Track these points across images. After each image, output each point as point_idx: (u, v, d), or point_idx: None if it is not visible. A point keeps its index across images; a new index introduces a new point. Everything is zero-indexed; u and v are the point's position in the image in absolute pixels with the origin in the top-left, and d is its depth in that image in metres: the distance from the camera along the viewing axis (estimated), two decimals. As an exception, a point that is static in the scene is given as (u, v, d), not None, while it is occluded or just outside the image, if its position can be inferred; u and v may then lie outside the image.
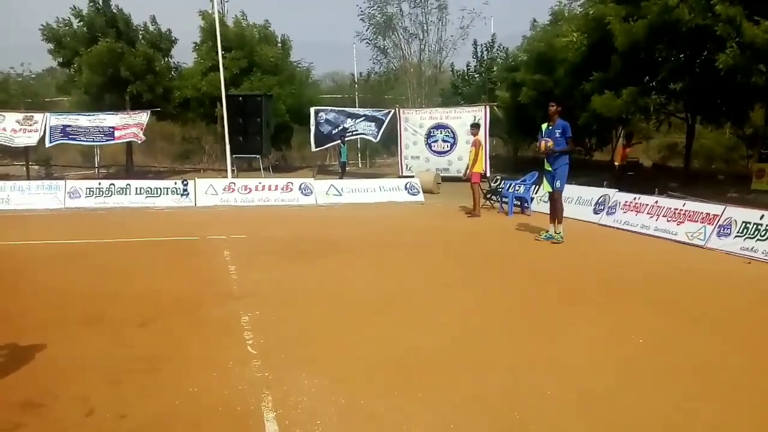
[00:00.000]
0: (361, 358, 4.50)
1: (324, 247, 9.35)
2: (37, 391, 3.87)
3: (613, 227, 11.53)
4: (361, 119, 23.17)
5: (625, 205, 11.72)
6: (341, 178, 19.76)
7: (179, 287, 6.74)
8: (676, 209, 10.43)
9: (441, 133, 22.16)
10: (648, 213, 11.01)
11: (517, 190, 14.14)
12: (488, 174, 15.99)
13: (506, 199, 14.05)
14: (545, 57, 19.42)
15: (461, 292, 6.71)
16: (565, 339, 4.96)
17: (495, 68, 27.94)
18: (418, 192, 17.33)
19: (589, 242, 10.23)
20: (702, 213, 9.89)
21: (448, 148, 21.97)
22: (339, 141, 22.25)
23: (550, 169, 9.77)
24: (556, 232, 9.76)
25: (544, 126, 9.80)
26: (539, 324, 5.40)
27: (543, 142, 9.70)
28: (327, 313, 5.69)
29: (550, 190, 9.83)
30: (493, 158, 21.98)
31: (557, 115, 9.60)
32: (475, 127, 13.80)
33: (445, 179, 20.42)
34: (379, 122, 22.69)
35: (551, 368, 4.30)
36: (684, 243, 9.77)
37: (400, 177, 20.76)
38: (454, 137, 21.87)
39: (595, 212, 12.43)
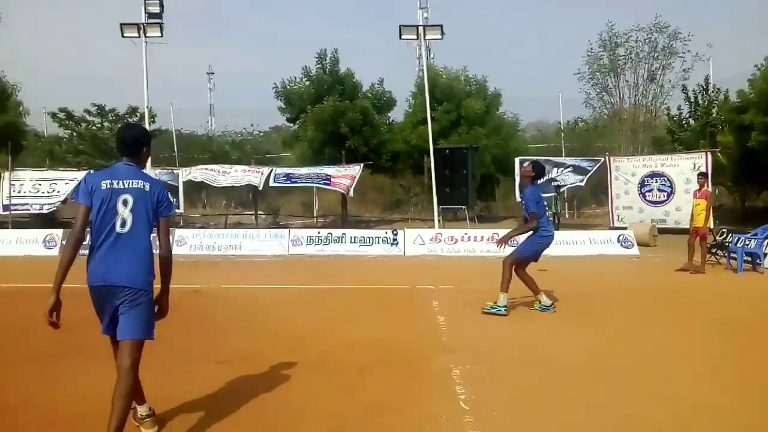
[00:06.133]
0: (575, 425, 4.34)
1: (531, 303, 9.15)
2: None
3: None
4: (568, 168, 22.61)
5: None
6: (556, 229, 19.31)
7: (392, 336, 7.02)
8: None
9: (656, 181, 20.84)
10: None
11: (748, 245, 12.77)
12: (712, 226, 14.60)
13: (734, 254, 12.76)
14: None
15: (689, 360, 6.16)
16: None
17: (714, 111, 25.85)
18: (633, 245, 16.35)
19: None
20: None
21: (665, 198, 20.54)
22: (554, 193, 21.79)
23: None
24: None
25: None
26: (783, 402, 4.80)
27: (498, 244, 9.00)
28: (539, 373, 5.57)
29: None
30: (717, 209, 20.10)
31: (528, 179, 8.46)
32: (702, 176, 12.83)
33: (661, 231, 19.07)
34: (585, 171, 22.04)
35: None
36: None
37: (611, 228, 19.82)
38: (671, 186, 20.42)
39: None
